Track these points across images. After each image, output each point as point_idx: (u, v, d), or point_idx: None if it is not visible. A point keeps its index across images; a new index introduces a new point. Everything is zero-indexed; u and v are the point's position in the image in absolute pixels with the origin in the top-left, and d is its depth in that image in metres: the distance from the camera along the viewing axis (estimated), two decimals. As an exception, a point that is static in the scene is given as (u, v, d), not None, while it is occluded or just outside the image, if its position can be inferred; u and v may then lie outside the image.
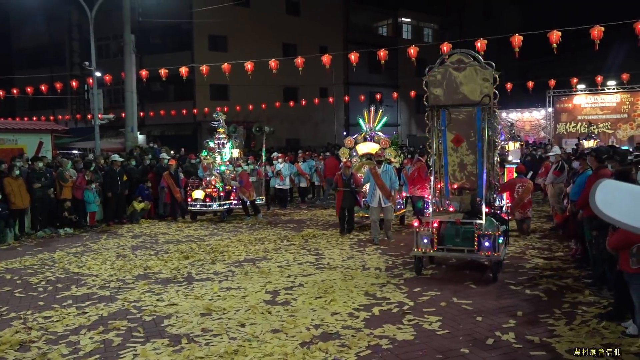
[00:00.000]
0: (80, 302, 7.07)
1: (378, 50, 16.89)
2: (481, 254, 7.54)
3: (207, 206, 13.95)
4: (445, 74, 8.08)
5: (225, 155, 14.46)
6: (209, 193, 13.91)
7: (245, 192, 14.15)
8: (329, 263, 8.94)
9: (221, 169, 14.31)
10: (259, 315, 6.30)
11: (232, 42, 33.78)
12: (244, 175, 14.23)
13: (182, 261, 9.33)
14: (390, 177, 10.72)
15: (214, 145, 14.41)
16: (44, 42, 37.73)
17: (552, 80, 27.23)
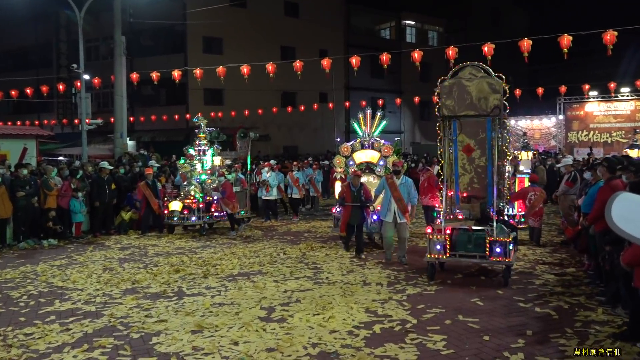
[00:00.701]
0: (64, 317, 7.02)
1: (380, 54, 16.97)
2: (492, 259, 8.24)
3: (184, 219, 13.49)
4: (457, 85, 8.84)
5: (206, 163, 14.05)
6: (187, 204, 13.48)
7: (228, 204, 13.64)
8: (327, 278, 8.90)
9: (201, 179, 13.92)
10: (253, 333, 6.26)
11: (227, 44, 33.93)
12: (227, 186, 13.75)
13: (172, 275, 9.28)
14: (409, 191, 9.88)
15: (193, 152, 14.03)
16: (29, 43, 37.86)
17: (562, 86, 27.36)
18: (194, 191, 13.75)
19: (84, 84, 20.83)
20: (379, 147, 11.87)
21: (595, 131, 28.86)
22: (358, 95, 37.58)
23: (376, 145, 11.91)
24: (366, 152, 11.95)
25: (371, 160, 11.91)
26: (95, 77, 22.39)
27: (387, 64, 16.89)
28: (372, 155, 11.91)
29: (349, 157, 12.02)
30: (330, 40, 37.96)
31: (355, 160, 11.92)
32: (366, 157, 11.90)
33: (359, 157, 11.94)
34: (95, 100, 30.35)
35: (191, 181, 13.85)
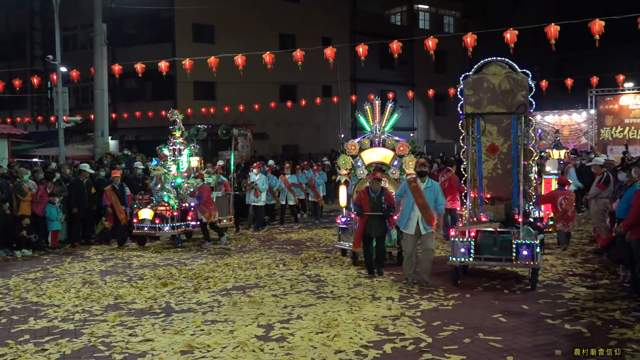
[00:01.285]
0: (39, 337, 7.03)
1: (390, 42, 16.99)
2: (519, 262, 8.70)
3: (156, 228, 13.06)
4: (481, 82, 9.64)
5: (182, 164, 13.67)
6: (160, 212, 13.06)
7: (204, 212, 13.23)
8: (332, 291, 8.91)
9: (177, 182, 13.47)
10: (249, 354, 6.26)
11: (220, 32, 34.03)
12: (204, 190, 13.33)
13: (159, 289, 9.30)
14: (436, 196, 9.26)
15: (167, 152, 13.64)
16: (0, 33, 38.02)
17: (594, 77, 27.32)
18: (168, 197, 13.29)
19: (60, 77, 20.92)
20: (392, 145, 11.08)
21: (631, 127, 28.77)
22: (365, 88, 37.59)
23: (389, 142, 11.14)
24: (377, 150, 11.16)
25: (383, 161, 11.11)
26: (73, 70, 22.41)
27: (397, 53, 16.90)
28: (384, 155, 11.12)
29: (357, 157, 11.25)
30: (334, 27, 38.02)
31: (364, 161, 11.16)
32: (377, 157, 11.12)
33: (368, 157, 11.17)
34: (73, 95, 30.44)
35: (165, 185, 13.39)
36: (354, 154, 11.25)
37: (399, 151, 11.00)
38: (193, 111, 31.92)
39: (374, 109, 11.32)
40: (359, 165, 11.21)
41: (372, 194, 9.84)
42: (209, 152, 33.52)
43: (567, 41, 21.63)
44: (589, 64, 37.30)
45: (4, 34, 38.04)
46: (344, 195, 11.48)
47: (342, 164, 11.32)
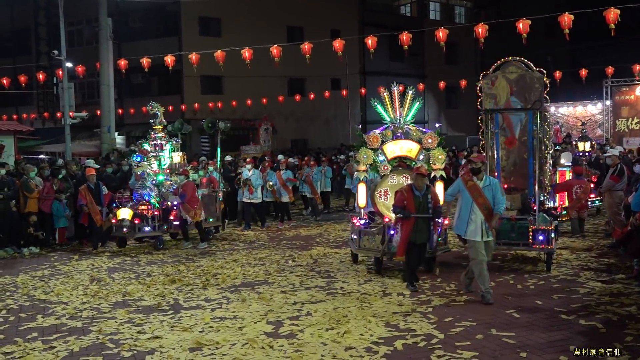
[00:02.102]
0: (47, 334, 7.11)
1: (400, 34, 16.94)
2: (535, 247, 9.63)
3: (136, 229, 12.52)
4: (500, 80, 10.50)
5: (163, 160, 13.13)
6: (140, 212, 12.53)
7: (189, 210, 12.66)
8: (342, 287, 8.93)
9: (159, 180, 12.95)
10: (258, 351, 6.30)
11: (226, 25, 34.03)
12: (187, 188, 12.71)
13: (167, 286, 9.36)
14: (494, 194, 8.09)
15: (149, 147, 13.12)
16: (5, 28, 38.21)
17: (609, 67, 27.09)
18: (149, 195, 12.78)
19: (66, 73, 21.03)
20: (417, 137, 10.15)
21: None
22: (375, 81, 37.47)
23: (413, 134, 10.20)
24: (400, 143, 10.15)
25: (407, 154, 10.12)
26: (79, 65, 22.58)
27: (407, 44, 16.86)
28: (408, 148, 10.13)
29: (378, 150, 10.22)
30: (342, 19, 37.91)
31: (387, 154, 10.15)
32: (401, 150, 10.13)
33: (391, 150, 10.17)
34: (79, 91, 30.61)
35: (145, 183, 12.86)
36: (375, 147, 10.20)
37: (425, 143, 10.07)
38: (200, 106, 32.03)
39: (392, 97, 10.33)
40: (381, 160, 10.18)
41: (417, 193, 8.69)
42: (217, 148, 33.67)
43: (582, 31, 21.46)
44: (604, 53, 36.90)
45: (8, 30, 38.22)
46: (364, 194, 10.43)
47: (363, 159, 10.23)
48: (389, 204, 9.78)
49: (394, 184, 10.06)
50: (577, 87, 31.33)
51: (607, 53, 35.58)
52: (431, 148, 10.08)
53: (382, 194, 10.23)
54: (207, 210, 13.72)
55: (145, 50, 22.79)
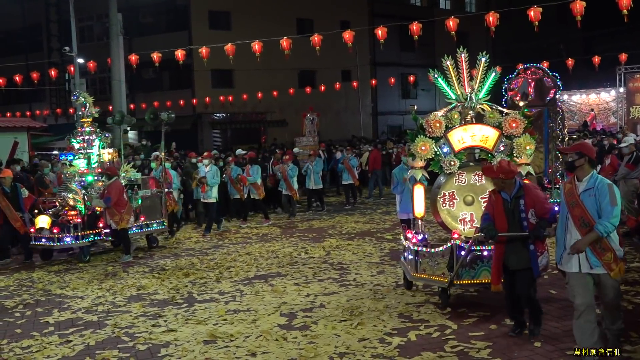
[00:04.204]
0: (64, 328, 7.18)
1: (410, 24, 16.84)
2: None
3: (55, 240, 10.88)
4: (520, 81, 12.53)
5: (93, 158, 11.67)
6: (61, 220, 11.00)
7: (114, 215, 11.06)
8: (355, 279, 8.93)
9: (88, 181, 11.39)
10: (272, 343, 6.33)
11: (236, 18, 34.03)
12: (113, 190, 11.03)
13: (181, 279, 9.41)
14: (600, 203, 5.28)
15: (77, 144, 11.62)
16: (17, 26, 38.47)
17: (623, 54, 26.77)
18: (74, 199, 11.14)
19: (77, 69, 21.17)
20: (495, 120, 7.48)
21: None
22: (386, 72, 37.40)
23: (490, 116, 7.53)
24: (472, 129, 7.52)
25: (481, 144, 7.52)
26: (90, 61, 22.66)
27: (418, 34, 16.76)
28: (483, 135, 7.47)
29: (441, 139, 7.51)
30: (352, 10, 37.77)
31: (454, 145, 7.49)
32: (472, 139, 7.48)
33: (458, 139, 7.49)
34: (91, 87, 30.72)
35: (69, 185, 11.25)
36: (437, 135, 7.48)
37: (507, 129, 7.40)
38: (211, 100, 32.10)
39: (459, 66, 7.68)
40: (445, 152, 7.48)
41: (506, 197, 6.12)
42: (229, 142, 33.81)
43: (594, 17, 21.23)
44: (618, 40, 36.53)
45: (20, 27, 38.47)
46: (422, 200, 7.68)
47: (420, 151, 7.43)
48: (457, 212, 7.57)
49: (463, 184, 7.56)
50: (590, 74, 31.06)
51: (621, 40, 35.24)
52: (515, 135, 7.38)
53: (446, 198, 7.58)
54: (149, 214, 12.11)
55: (155, 45, 22.88)
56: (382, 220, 14.60)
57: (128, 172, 12.15)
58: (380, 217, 15.30)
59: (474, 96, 7.61)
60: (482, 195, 7.43)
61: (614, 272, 5.31)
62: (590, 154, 5.38)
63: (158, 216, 12.32)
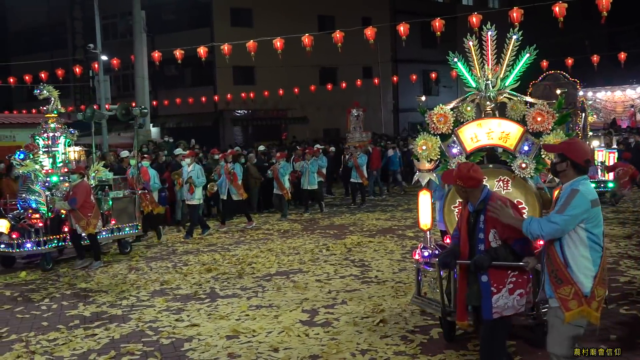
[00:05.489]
0: (89, 322, 7.29)
1: (432, 20, 16.72)
2: None
3: (14, 247, 10.08)
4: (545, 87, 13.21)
5: (58, 157, 10.85)
6: (21, 224, 10.17)
7: (80, 219, 10.14)
8: (377, 276, 8.92)
9: (52, 181, 10.57)
10: (294, 339, 6.35)
11: (257, 15, 34.12)
12: (79, 190, 10.14)
13: (204, 275, 9.49)
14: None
15: (41, 142, 10.77)
16: (42, 23, 39.00)
17: (649, 50, 26.34)
18: (36, 202, 10.37)
19: (101, 66, 21.39)
20: (519, 113, 6.03)
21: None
22: (407, 69, 37.23)
23: (512, 107, 6.08)
24: (489, 124, 6.11)
25: (500, 143, 6.13)
26: (114, 58, 22.91)
27: (440, 31, 16.63)
28: (503, 132, 6.07)
29: (450, 138, 6.20)
30: (374, 7, 37.65)
31: (465, 144, 6.16)
32: (488, 137, 6.12)
33: (471, 136, 6.16)
34: (114, 84, 31.07)
35: (32, 187, 10.46)
36: (445, 132, 6.19)
37: (532, 124, 5.90)
38: (233, 96, 32.23)
39: (484, 46, 6.33)
40: (455, 154, 6.18)
41: (471, 209, 4.90)
42: (251, 138, 33.93)
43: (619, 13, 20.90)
44: (644, 36, 35.98)
45: (45, 25, 38.99)
46: (428, 209, 6.48)
47: (423, 152, 6.19)
48: None
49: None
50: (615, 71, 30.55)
51: (647, 36, 34.57)
52: (544, 132, 5.89)
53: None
54: (121, 217, 11.35)
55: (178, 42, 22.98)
56: (404, 218, 14.55)
57: (99, 171, 11.41)
58: (401, 214, 15.26)
59: (498, 82, 6.21)
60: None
61: (569, 313, 4.18)
62: (573, 157, 4.28)
63: (131, 219, 11.52)
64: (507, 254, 4.66)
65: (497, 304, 4.67)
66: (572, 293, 4.19)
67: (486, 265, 4.63)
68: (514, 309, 4.72)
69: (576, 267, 4.20)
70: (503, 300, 4.68)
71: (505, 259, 4.67)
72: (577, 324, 4.23)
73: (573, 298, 4.18)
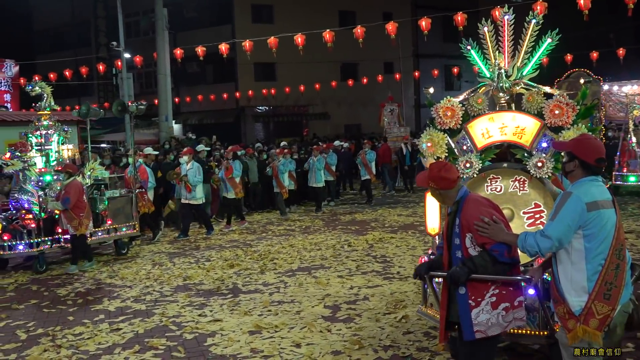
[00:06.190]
0: (114, 317, 7.38)
1: (454, 14, 16.58)
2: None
3: (5, 248, 9.73)
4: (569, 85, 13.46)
5: (51, 155, 10.49)
6: (13, 225, 9.90)
7: (72, 219, 9.81)
8: (399, 272, 8.89)
9: (45, 180, 10.22)
10: (316, 334, 6.35)
11: (278, 12, 34.15)
12: (71, 190, 9.78)
13: (226, 270, 9.54)
14: None
15: (34, 140, 10.38)
16: (66, 22, 39.50)
17: (677, 43, 25.83)
18: (29, 202, 10.03)
19: (125, 63, 21.58)
20: (536, 106, 5.44)
21: None
22: (429, 64, 36.95)
23: (529, 99, 5.48)
24: (502, 117, 5.57)
25: (515, 140, 5.52)
26: (137, 56, 23.10)
27: (462, 25, 16.51)
28: (517, 127, 5.50)
29: (460, 132, 5.66)
30: (394, 2, 37.43)
31: (475, 140, 5.62)
32: (501, 132, 5.55)
33: (483, 131, 5.61)
34: (137, 81, 31.40)
35: (24, 186, 10.09)
36: (453, 127, 5.64)
37: (551, 117, 5.31)
38: (254, 93, 32.32)
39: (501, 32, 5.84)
40: (465, 150, 5.63)
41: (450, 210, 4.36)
42: (272, 135, 34.02)
43: (647, 5, 20.48)
44: (671, 28, 35.24)
45: (69, 23, 39.50)
46: (436, 212, 6.25)
47: (428, 148, 5.62)
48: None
49: (498, 193, 5.56)
50: (641, 64, 30.05)
51: (674, 28, 33.90)
52: (563, 127, 5.29)
53: None
54: (117, 217, 11.05)
55: (199, 39, 23.12)
56: (426, 214, 14.45)
57: (94, 170, 10.96)
58: (423, 210, 15.13)
59: (515, 71, 5.68)
60: (525, 208, 5.46)
61: (570, 334, 3.79)
62: (582, 155, 3.83)
63: (128, 219, 11.23)
64: (487, 262, 4.03)
65: (477, 320, 4.03)
66: (566, 312, 3.80)
67: (463, 280, 4.02)
68: (500, 326, 4.06)
69: (566, 282, 3.78)
70: (484, 316, 4.04)
71: (485, 268, 4.03)
72: (583, 345, 3.78)
73: (569, 318, 3.78)
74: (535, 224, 5.39)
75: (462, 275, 4.01)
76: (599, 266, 3.70)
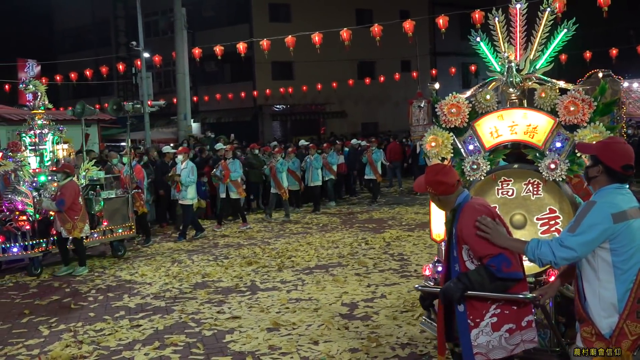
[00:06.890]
0: (134, 313, 7.45)
1: (472, 12, 16.48)
2: None
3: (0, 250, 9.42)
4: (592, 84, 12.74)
5: (46, 155, 10.18)
6: (7, 227, 9.51)
7: (66, 222, 9.45)
8: (416, 270, 8.86)
9: (40, 181, 9.91)
10: (334, 332, 6.36)
11: (296, 10, 34.16)
12: (68, 191, 9.43)
13: (244, 268, 9.59)
14: None
15: (28, 139, 10.06)
16: (86, 22, 39.90)
17: (698, 39, 25.43)
18: (23, 203, 9.62)
19: (144, 63, 21.75)
20: (549, 102, 4.90)
21: None
22: (446, 62, 36.74)
23: (542, 95, 4.92)
24: (511, 115, 5.04)
25: (526, 139, 4.98)
26: (156, 55, 23.28)
27: (480, 23, 16.38)
28: (529, 125, 4.98)
29: (467, 130, 5.15)
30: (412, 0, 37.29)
31: (483, 140, 5.10)
32: (511, 131, 5.04)
33: (490, 130, 5.10)
34: (156, 80, 31.58)
35: (18, 187, 9.72)
36: (459, 125, 5.14)
37: (565, 114, 4.78)
38: (272, 91, 32.40)
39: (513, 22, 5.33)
40: (471, 151, 5.12)
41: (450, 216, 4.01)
42: (289, 133, 34.08)
43: (668, 1, 20.21)
44: (693, 25, 34.69)
45: (89, 23, 39.91)
46: (441, 217, 5.35)
47: (432, 149, 5.13)
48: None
49: (510, 197, 5.01)
50: (662, 61, 29.63)
51: (696, 24, 33.38)
52: (579, 125, 4.76)
53: None
54: (113, 218, 10.81)
55: (217, 39, 23.23)
56: (443, 212, 14.41)
57: (89, 170, 10.64)
58: (440, 208, 15.09)
59: (527, 65, 5.17)
60: (539, 214, 4.92)
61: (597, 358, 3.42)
62: (607, 161, 3.45)
63: (125, 220, 10.99)
64: (483, 278, 3.63)
65: (477, 342, 3.69)
66: (593, 334, 3.43)
67: (456, 297, 3.66)
68: (504, 349, 3.69)
69: (594, 300, 3.42)
70: (484, 338, 3.69)
71: (482, 285, 3.63)
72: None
73: (597, 340, 3.42)
74: (549, 231, 4.87)
75: (455, 292, 3.66)
76: (631, 283, 3.37)
